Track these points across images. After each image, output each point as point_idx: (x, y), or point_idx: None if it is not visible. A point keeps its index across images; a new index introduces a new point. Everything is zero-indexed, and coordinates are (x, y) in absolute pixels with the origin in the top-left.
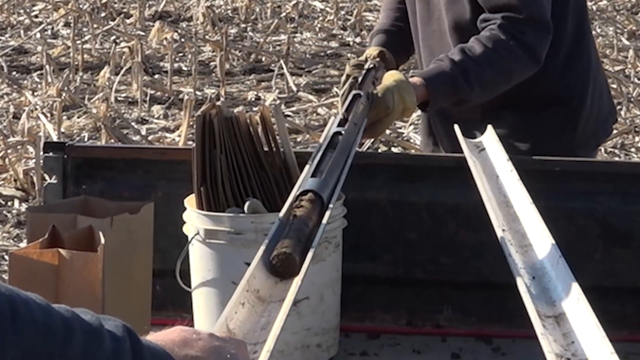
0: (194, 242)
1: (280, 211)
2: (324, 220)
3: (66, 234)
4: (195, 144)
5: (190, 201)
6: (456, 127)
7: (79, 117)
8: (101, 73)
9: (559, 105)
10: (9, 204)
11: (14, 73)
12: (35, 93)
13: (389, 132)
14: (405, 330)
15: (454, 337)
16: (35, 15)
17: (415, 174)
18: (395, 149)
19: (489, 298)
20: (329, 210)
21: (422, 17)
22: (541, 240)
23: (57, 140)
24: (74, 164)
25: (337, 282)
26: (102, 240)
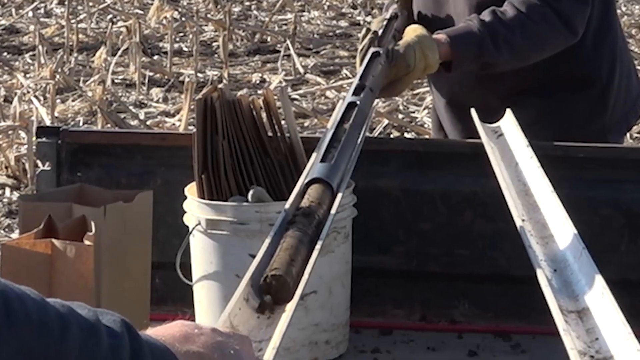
0: (195, 233)
1: (286, 200)
2: (333, 210)
3: (61, 224)
4: (195, 129)
5: (191, 190)
6: (473, 112)
7: (73, 101)
8: (97, 54)
9: (588, 87)
10: (0, 192)
11: (4, 54)
12: (28, 75)
13: (401, 117)
14: (419, 326)
15: (471, 334)
16: None
17: (429, 160)
18: (408, 135)
19: (508, 292)
20: (339, 196)
21: (435, 1)
22: (563, 231)
23: (51, 125)
24: (69, 150)
25: (347, 275)
26: (93, 229)
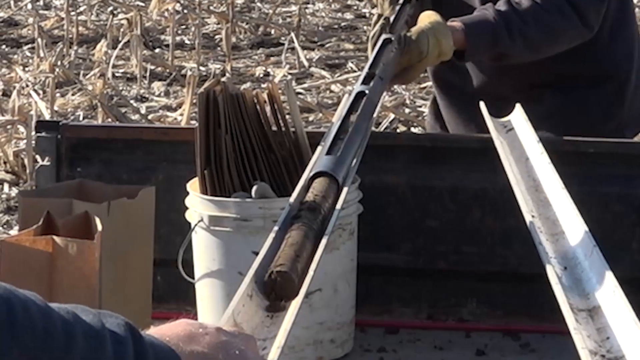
0: (197, 230)
1: (290, 196)
2: (339, 204)
3: (61, 221)
4: (198, 123)
5: (193, 185)
6: (482, 105)
7: (73, 95)
8: (97, 47)
9: (605, 83)
10: None
11: (3, 47)
12: (27, 68)
13: (408, 111)
14: (426, 324)
15: (479, 333)
16: None
17: (437, 156)
18: (415, 129)
19: (517, 290)
20: (345, 190)
21: None
22: (574, 227)
23: (50, 119)
24: (69, 145)
25: (352, 273)
26: (100, 227)
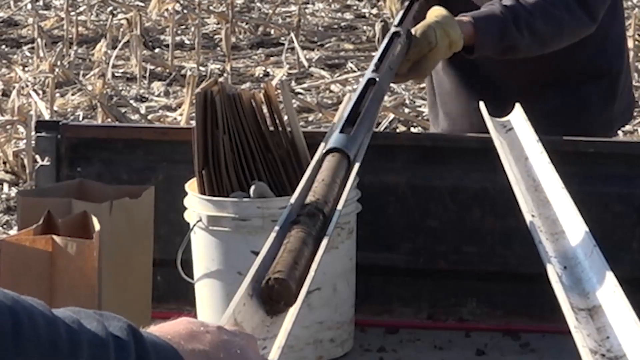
0: (196, 230)
1: (289, 195)
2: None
3: (61, 220)
4: (195, 123)
5: (191, 186)
6: (482, 105)
7: (73, 95)
8: (97, 47)
9: (601, 77)
10: None
11: (3, 47)
12: (26, 68)
13: (408, 111)
14: (426, 324)
15: (479, 332)
16: None
17: (437, 155)
18: (415, 129)
19: (517, 290)
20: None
21: None
22: (574, 227)
23: (50, 119)
24: (68, 145)
25: (352, 272)
26: (97, 226)
